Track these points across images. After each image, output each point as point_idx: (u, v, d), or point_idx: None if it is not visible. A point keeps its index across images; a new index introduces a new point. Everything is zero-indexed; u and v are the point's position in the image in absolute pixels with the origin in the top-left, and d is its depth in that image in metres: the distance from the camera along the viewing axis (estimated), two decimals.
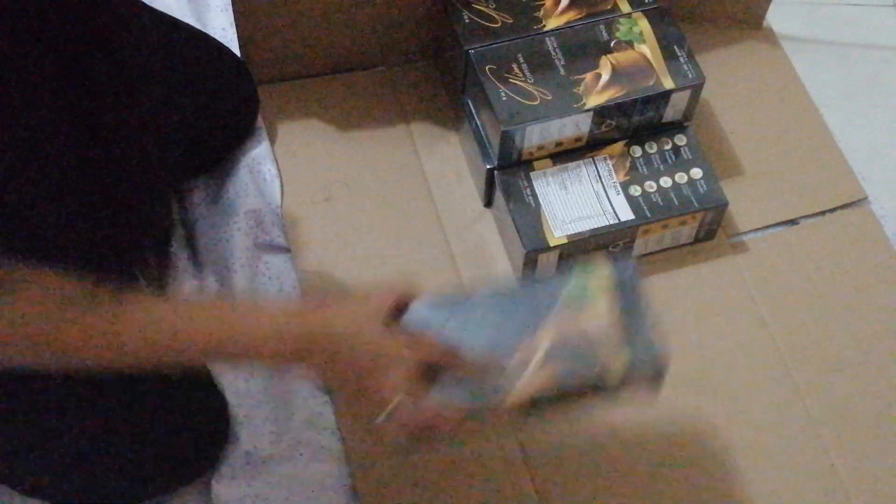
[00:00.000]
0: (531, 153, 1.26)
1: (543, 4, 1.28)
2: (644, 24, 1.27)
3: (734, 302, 1.29)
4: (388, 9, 1.34)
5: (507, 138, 1.22)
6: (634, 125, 1.27)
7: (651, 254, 1.31)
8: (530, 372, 0.93)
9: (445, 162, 1.37)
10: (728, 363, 1.26)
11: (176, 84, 1.24)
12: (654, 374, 0.95)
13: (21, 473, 1.12)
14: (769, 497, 1.18)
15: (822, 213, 1.36)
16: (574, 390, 0.94)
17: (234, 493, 1.17)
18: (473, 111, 1.30)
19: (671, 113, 1.27)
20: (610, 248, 1.27)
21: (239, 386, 1.21)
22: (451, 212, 1.33)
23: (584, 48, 1.26)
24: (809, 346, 1.27)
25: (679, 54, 1.26)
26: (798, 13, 1.56)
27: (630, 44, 1.26)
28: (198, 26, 1.39)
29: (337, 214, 1.32)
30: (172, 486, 1.16)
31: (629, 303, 0.96)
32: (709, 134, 1.38)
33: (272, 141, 1.36)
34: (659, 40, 1.26)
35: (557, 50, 1.25)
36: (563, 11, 1.28)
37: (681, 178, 1.26)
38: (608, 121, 1.24)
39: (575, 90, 1.23)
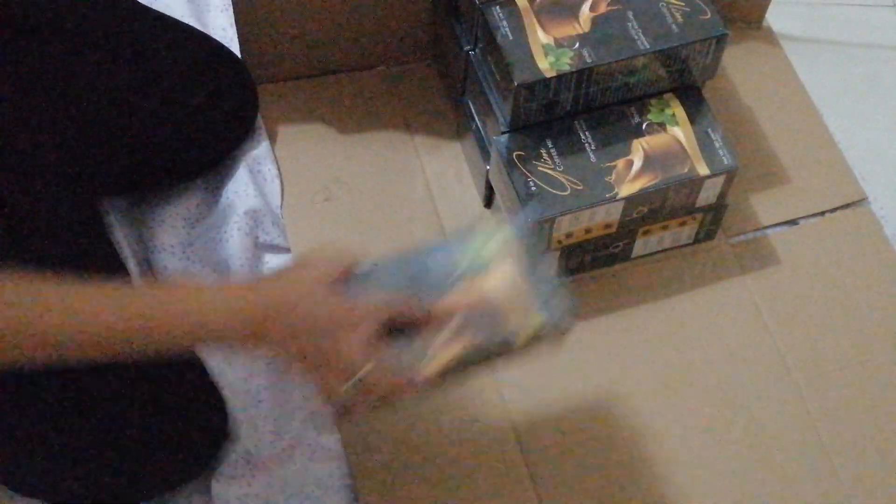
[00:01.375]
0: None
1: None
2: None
3: (734, 302, 1.29)
4: (388, 9, 1.34)
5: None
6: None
7: (651, 254, 1.31)
8: (633, 174, 1.10)
9: (445, 162, 1.37)
10: (728, 363, 1.26)
11: (175, 84, 1.25)
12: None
13: (20, 474, 1.12)
14: (769, 496, 1.19)
15: (822, 213, 1.36)
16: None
17: (233, 492, 1.17)
18: (474, 112, 1.30)
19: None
20: (611, 249, 1.27)
21: (238, 385, 1.22)
22: (451, 212, 1.33)
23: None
24: (809, 347, 1.27)
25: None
26: (798, 13, 1.56)
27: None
28: (198, 26, 1.39)
29: (337, 214, 1.32)
30: (172, 485, 1.16)
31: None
32: None
33: (272, 141, 1.36)
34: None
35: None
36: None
37: None
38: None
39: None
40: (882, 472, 1.21)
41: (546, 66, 1.16)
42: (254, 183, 1.32)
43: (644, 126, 1.22)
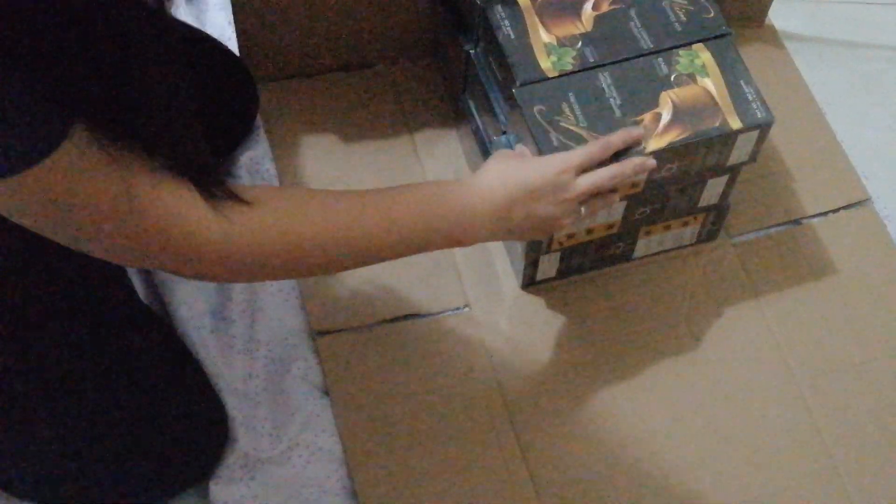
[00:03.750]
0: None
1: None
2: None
3: (737, 302, 1.29)
4: (388, 8, 1.33)
5: None
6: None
7: (653, 254, 1.31)
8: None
9: (445, 162, 1.36)
10: (729, 363, 1.26)
11: (175, 83, 1.24)
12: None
13: (19, 479, 1.12)
14: (769, 497, 1.19)
15: (825, 213, 1.36)
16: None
17: (232, 494, 1.17)
18: (474, 111, 1.29)
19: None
20: (612, 249, 1.26)
21: (238, 387, 1.22)
22: None
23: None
24: (812, 347, 1.27)
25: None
26: (801, 11, 1.55)
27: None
28: (197, 26, 1.39)
29: None
30: (171, 491, 1.16)
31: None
32: None
33: (272, 141, 1.36)
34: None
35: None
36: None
37: None
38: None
39: None
40: (882, 472, 1.21)
41: (548, 65, 1.15)
42: (253, 183, 1.32)
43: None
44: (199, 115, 0.88)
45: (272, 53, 1.36)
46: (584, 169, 1.08)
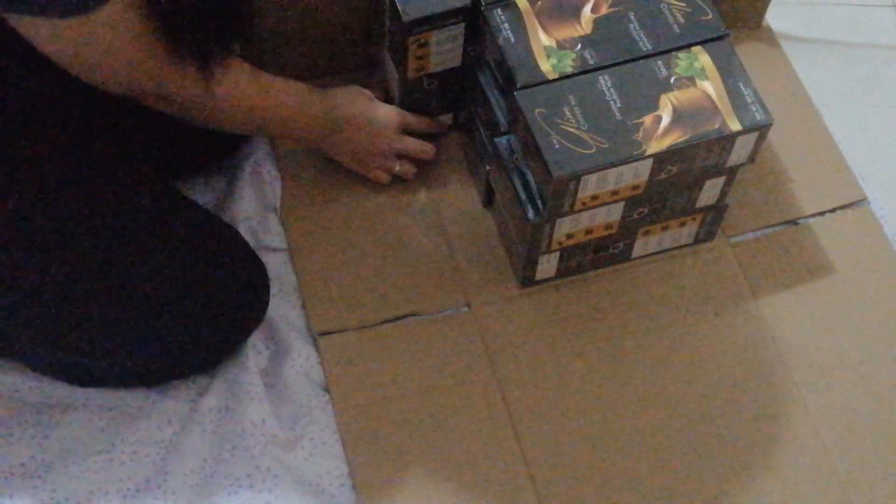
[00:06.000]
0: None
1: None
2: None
3: (734, 302, 1.30)
4: None
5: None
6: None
7: (651, 255, 1.31)
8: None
9: (445, 162, 1.37)
10: (727, 363, 1.26)
11: None
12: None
13: (71, 357, 1.18)
14: (768, 497, 1.19)
15: (822, 213, 1.36)
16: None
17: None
18: (474, 113, 1.30)
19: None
20: (611, 249, 1.27)
21: (245, 381, 1.22)
22: (451, 212, 1.33)
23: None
24: (809, 346, 1.28)
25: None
26: (797, 13, 1.56)
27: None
28: None
29: (337, 215, 1.32)
30: (217, 352, 1.23)
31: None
32: None
33: (273, 142, 1.36)
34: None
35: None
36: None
37: None
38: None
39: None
40: (882, 472, 1.21)
41: (548, 68, 1.16)
42: (254, 183, 1.33)
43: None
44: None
45: (271, 57, 1.36)
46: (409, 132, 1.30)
